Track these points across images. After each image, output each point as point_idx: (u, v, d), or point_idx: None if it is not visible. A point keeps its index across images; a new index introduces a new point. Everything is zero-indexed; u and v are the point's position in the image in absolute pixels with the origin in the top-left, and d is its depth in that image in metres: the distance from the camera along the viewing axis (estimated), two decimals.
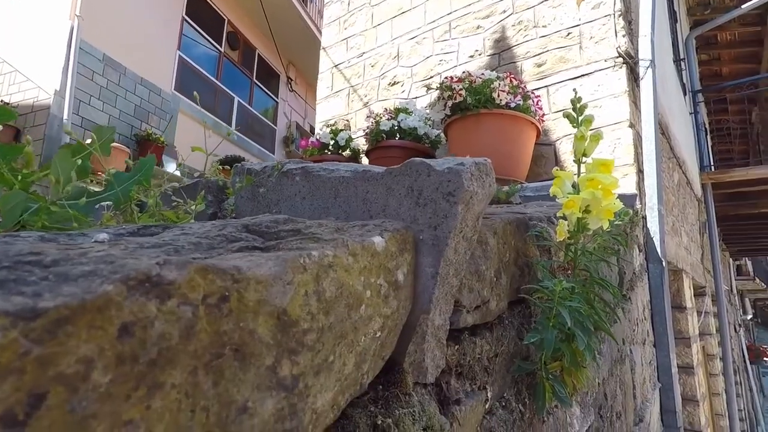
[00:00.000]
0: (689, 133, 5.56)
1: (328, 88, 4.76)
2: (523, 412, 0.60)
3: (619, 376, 1.19)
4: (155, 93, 6.54)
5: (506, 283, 0.63)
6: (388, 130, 3.16)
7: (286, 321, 0.26)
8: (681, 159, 4.46)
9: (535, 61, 3.27)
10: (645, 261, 2.43)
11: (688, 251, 4.30)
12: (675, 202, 3.94)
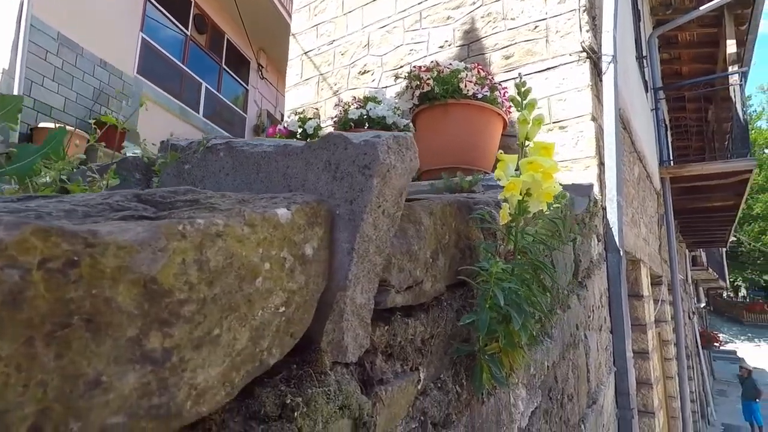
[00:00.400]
0: (650, 128, 5.75)
1: (297, 75, 4.67)
2: (460, 393, 0.60)
3: (572, 360, 1.22)
4: (116, 76, 6.26)
5: (445, 264, 0.63)
6: (357, 119, 3.13)
7: (156, 290, 0.24)
8: (642, 153, 4.60)
9: (503, 53, 3.29)
10: (604, 250, 2.50)
11: (647, 242, 4.46)
12: (635, 195, 4.08)
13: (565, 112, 2.84)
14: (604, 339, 2.14)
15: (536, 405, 0.80)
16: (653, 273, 5.00)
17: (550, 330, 0.98)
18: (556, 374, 1.01)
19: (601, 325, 2.09)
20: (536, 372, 0.82)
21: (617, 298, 2.46)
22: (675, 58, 8.27)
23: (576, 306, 1.33)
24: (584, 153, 2.69)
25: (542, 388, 0.88)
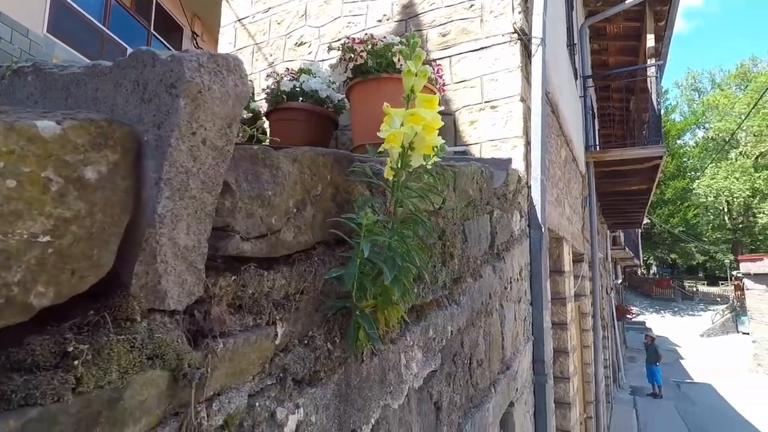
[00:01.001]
0: (578, 114, 6.06)
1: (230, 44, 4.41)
2: (332, 351, 0.59)
3: (483, 327, 1.27)
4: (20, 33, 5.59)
5: (315, 217, 0.60)
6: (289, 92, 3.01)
7: None
8: (569, 137, 4.84)
9: (439, 31, 3.29)
10: (527, 227, 2.61)
11: (570, 221, 4.73)
12: (561, 176, 4.30)
13: (496, 92, 2.91)
14: (523, 310, 2.25)
15: (434, 368, 0.82)
16: (576, 251, 5.34)
17: (457, 297, 1.00)
18: (463, 340, 1.04)
19: (521, 297, 2.19)
20: (436, 336, 0.83)
21: (538, 272, 2.60)
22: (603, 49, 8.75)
23: (490, 276, 1.37)
24: (513, 133, 2.78)
25: (445, 352, 0.90)
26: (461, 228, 1.08)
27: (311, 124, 3.03)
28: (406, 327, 0.75)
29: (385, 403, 0.65)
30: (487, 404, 1.27)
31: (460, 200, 1.09)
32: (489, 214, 1.41)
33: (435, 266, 0.85)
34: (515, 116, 2.77)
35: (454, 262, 0.99)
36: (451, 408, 0.96)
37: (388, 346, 0.68)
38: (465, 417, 1.08)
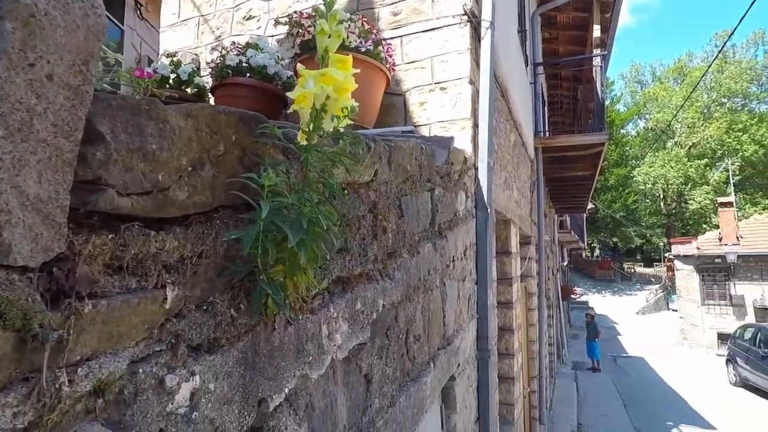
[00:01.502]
0: (528, 100, 6.22)
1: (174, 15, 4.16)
2: (236, 318, 0.57)
3: (422, 303, 1.28)
4: None
5: (216, 177, 0.57)
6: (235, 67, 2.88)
7: None
8: (518, 122, 4.96)
9: (391, 10, 3.24)
10: (474, 207, 2.66)
11: (518, 205, 4.88)
12: (510, 160, 4.40)
13: (446, 73, 2.91)
14: (468, 289, 2.31)
15: (363, 340, 0.82)
16: (523, 233, 5.52)
17: (391, 271, 1.00)
18: (398, 314, 1.04)
19: (465, 276, 2.24)
20: (365, 309, 0.82)
21: (483, 252, 2.66)
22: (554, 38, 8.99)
23: (430, 253, 1.39)
24: (461, 114, 2.80)
25: (377, 326, 0.90)
26: (397, 203, 1.07)
27: (258, 101, 2.92)
28: (330, 298, 0.74)
29: (302, 373, 0.63)
30: (425, 378, 1.30)
31: (397, 175, 1.08)
32: (430, 191, 1.42)
33: (364, 239, 0.84)
34: (464, 98, 2.80)
35: (388, 236, 0.98)
36: (384, 381, 0.96)
37: (307, 316, 0.66)
38: (400, 390, 1.09)
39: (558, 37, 8.94)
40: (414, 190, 1.24)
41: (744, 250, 17.38)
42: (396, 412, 1.02)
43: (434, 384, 1.44)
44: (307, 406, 0.66)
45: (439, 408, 1.81)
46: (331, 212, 0.63)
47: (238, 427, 0.54)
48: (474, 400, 2.42)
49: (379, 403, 0.93)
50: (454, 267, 1.89)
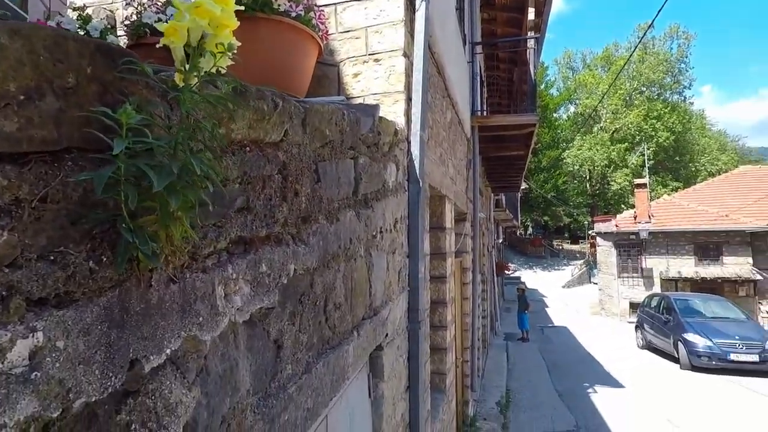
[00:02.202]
0: (465, 79, 6.32)
1: None
2: (96, 271, 0.53)
3: (343, 272, 1.27)
4: None
5: (65, 112, 0.51)
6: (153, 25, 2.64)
7: None
8: (455, 100, 5.03)
9: None
10: (406, 181, 2.68)
11: (454, 182, 4.99)
12: (446, 137, 4.47)
13: (380, 45, 2.86)
14: (399, 262, 2.33)
15: (269, 304, 0.79)
16: (459, 210, 5.67)
17: (306, 236, 0.97)
18: (314, 281, 1.02)
19: (396, 248, 2.26)
20: (272, 272, 0.79)
21: (415, 226, 2.69)
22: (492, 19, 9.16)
23: (353, 222, 1.37)
24: (395, 87, 2.78)
25: (289, 291, 0.87)
26: (313, 167, 1.04)
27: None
28: (230, 258, 0.70)
29: (190, 334, 0.60)
30: (347, 346, 1.30)
31: (313, 139, 1.04)
32: (353, 159, 1.39)
33: (271, 200, 0.80)
34: (398, 71, 2.77)
35: (301, 200, 0.94)
36: (298, 347, 0.94)
37: (196, 274, 0.62)
38: (318, 357, 1.08)
39: (496, 18, 9.13)
40: (334, 156, 1.21)
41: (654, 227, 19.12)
42: (312, 378, 1.01)
43: (358, 353, 1.45)
44: (202, 370, 0.63)
45: (366, 377, 1.83)
46: (211, 160, 0.58)
47: (100, 389, 0.49)
48: (404, 369, 2.48)
49: (292, 370, 0.91)
50: (382, 238, 1.89)
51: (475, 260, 6.71)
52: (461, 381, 6.01)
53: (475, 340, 6.72)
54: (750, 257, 18.23)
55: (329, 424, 1.28)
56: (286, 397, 0.86)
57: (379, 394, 1.88)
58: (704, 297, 12.57)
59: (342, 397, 1.45)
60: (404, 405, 2.49)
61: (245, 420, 0.71)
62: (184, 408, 0.57)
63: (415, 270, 2.64)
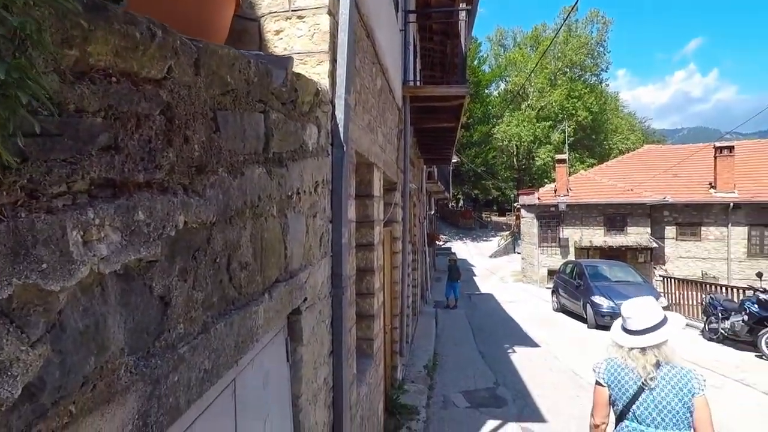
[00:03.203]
0: (396, 46, 6.25)
1: None
2: None
3: (250, 230, 1.21)
4: None
5: None
6: None
7: None
8: (385, 67, 4.96)
9: None
10: (330, 145, 2.61)
11: (384, 150, 4.97)
12: (375, 104, 4.41)
13: (304, 0, 2.72)
14: (320, 226, 2.29)
15: (149, 257, 0.72)
16: (389, 179, 5.69)
17: (200, 188, 0.90)
18: (211, 236, 0.96)
19: (317, 212, 2.21)
20: (152, 222, 0.73)
21: (339, 191, 2.66)
22: None
23: (262, 179, 1.30)
24: (319, 47, 2.67)
25: (176, 244, 0.81)
26: (211, 115, 0.96)
27: None
28: (91, 201, 0.62)
29: (27, 282, 0.52)
30: (255, 308, 1.25)
31: (211, 84, 0.96)
32: (263, 113, 1.31)
33: (150, 142, 0.72)
34: (322, 29, 2.65)
35: (193, 148, 0.87)
36: (192, 306, 0.88)
37: (37, 214, 0.54)
38: (219, 317, 1.03)
39: None
40: (238, 106, 1.13)
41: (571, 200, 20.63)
42: (211, 339, 0.96)
43: (270, 315, 1.41)
44: (54, 326, 0.56)
45: (284, 341, 1.80)
46: (26, 66, 0.49)
47: None
48: (327, 334, 2.49)
49: (184, 329, 0.86)
50: (300, 200, 1.84)
51: (405, 230, 6.84)
52: (390, 347, 6.20)
53: (405, 308, 6.92)
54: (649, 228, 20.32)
55: (238, 387, 1.24)
56: (176, 357, 0.81)
57: (297, 358, 1.87)
58: (610, 263, 13.88)
59: (254, 360, 1.41)
60: (327, 369, 2.51)
61: (117, 380, 0.65)
62: (22, 367, 0.50)
63: (338, 236, 2.62)
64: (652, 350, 2.29)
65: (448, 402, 6.12)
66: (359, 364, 3.90)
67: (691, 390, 2.20)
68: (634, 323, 2.38)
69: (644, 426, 2.26)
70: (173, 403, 0.79)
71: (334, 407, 2.63)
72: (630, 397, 2.31)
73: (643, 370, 2.27)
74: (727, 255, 19.38)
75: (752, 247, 19.37)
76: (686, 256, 19.94)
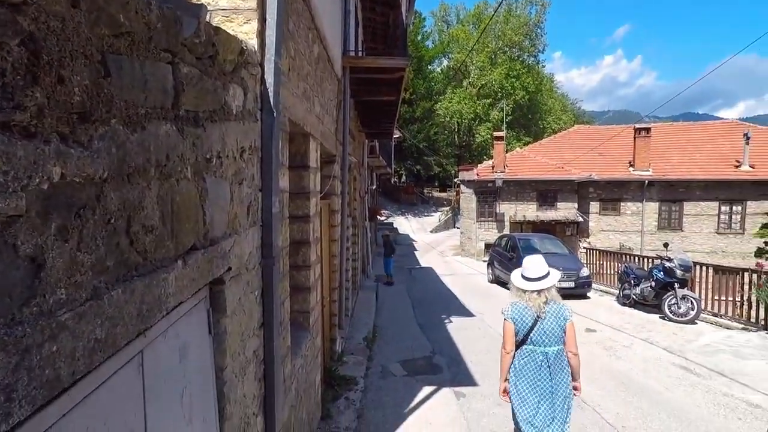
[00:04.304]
0: (337, 14, 6.04)
1: None
2: None
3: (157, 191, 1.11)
4: None
5: None
6: None
7: None
8: (323, 35, 4.77)
9: None
10: (260, 110, 2.48)
11: (321, 121, 4.84)
12: (311, 72, 4.25)
13: None
14: (248, 194, 2.19)
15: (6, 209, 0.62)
16: (327, 151, 5.57)
17: (85, 138, 0.80)
18: (102, 193, 0.86)
19: (244, 179, 2.10)
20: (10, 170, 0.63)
21: (269, 159, 2.54)
22: None
23: (171, 137, 1.19)
24: (246, 4, 2.49)
25: (52, 199, 0.71)
26: (98, 57, 0.84)
27: None
28: None
29: None
30: (165, 275, 1.17)
31: (97, 21, 0.84)
32: (171, 65, 1.19)
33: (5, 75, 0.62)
34: None
35: (71, 90, 0.76)
36: (76, 269, 0.79)
37: None
38: (117, 283, 0.94)
39: None
40: (136, 53, 1.01)
41: (507, 176, 21.47)
42: (104, 306, 0.87)
43: (185, 283, 1.32)
44: None
45: (206, 312, 1.72)
46: None
47: None
48: (257, 306, 2.42)
49: (66, 294, 0.77)
50: (221, 165, 1.73)
51: (344, 203, 6.78)
52: (329, 320, 6.21)
53: (344, 281, 6.93)
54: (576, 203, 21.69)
55: (147, 359, 1.16)
56: (54, 325, 0.72)
57: (221, 329, 1.80)
58: (541, 236, 14.72)
59: (168, 331, 1.33)
60: (258, 342, 2.45)
61: None
62: None
63: (268, 205, 2.52)
64: (543, 292, 3.20)
65: (386, 372, 6.28)
66: (295, 336, 3.87)
67: (565, 318, 3.19)
68: (532, 273, 3.29)
69: (537, 346, 3.18)
70: (51, 375, 0.71)
71: (265, 380, 2.59)
72: (528, 328, 3.20)
73: (538, 308, 3.18)
74: (641, 228, 21.23)
75: (662, 221, 21.36)
76: (607, 230, 21.60)
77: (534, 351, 3.18)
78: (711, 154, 22.08)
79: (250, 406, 2.25)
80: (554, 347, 3.17)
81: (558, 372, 3.17)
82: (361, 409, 5.00)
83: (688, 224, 20.91)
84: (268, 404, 2.60)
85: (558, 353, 3.18)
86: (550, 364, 3.16)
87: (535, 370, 3.18)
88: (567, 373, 3.21)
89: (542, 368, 3.16)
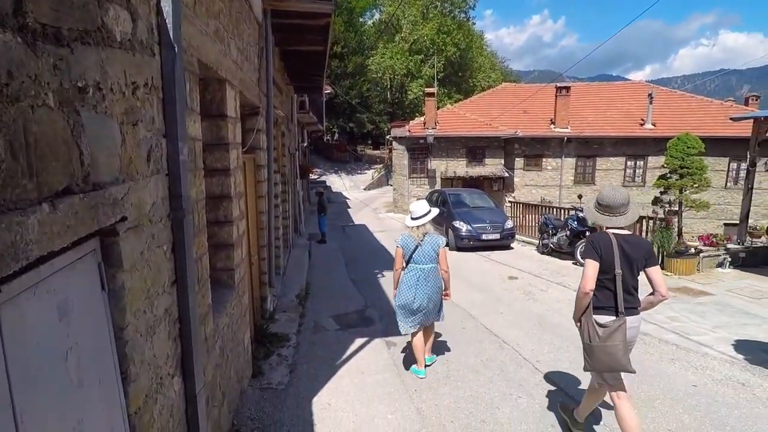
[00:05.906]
0: None
1: None
2: None
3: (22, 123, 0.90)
4: None
5: None
6: None
7: None
8: None
9: None
10: (157, 44, 2.19)
11: (240, 67, 4.46)
12: (224, 10, 3.85)
13: None
14: (146, 137, 1.95)
15: None
16: (248, 101, 5.20)
17: None
18: None
19: (138, 120, 1.86)
20: None
21: (172, 101, 2.28)
22: None
23: (14, 50, 0.97)
24: None
25: None
26: None
27: None
28: None
29: None
30: (22, 218, 0.98)
31: None
32: None
33: None
34: None
35: None
36: None
37: None
38: None
39: None
40: None
41: (439, 133, 21.75)
42: None
43: (57, 230, 1.14)
44: None
45: (96, 265, 1.53)
46: None
47: None
48: (167, 261, 2.23)
49: None
50: (104, 99, 1.49)
51: (270, 158, 6.47)
52: (258, 278, 6.04)
53: (273, 239, 6.73)
54: (503, 159, 22.60)
55: (6, 318, 0.99)
56: None
57: (118, 285, 1.62)
58: (470, 191, 15.23)
59: (39, 286, 1.15)
60: (170, 299, 2.27)
61: None
62: None
63: (174, 152, 2.28)
64: (422, 227, 4.50)
65: (318, 327, 6.30)
66: (218, 294, 3.69)
67: (438, 245, 4.51)
68: (415, 214, 4.58)
69: (417, 264, 4.48)
70: None
71: (182, 339, 2.44)
72: (411, 251, 4.51)
73: (418, 237, 4.50)
74: (560, 182, 22.73)
75: (578, 176, 23.00)
76: (530, 184, 22.89)
77: (415, 267, 4.49)
78: (620, 113, 23.82)
79: (163, 367, 2.11)
80: (429, 265, 4.47)
81: (432, 282, 4.49)
82: (294, 364, 5.00)
83: (600, 178, 22.69)
84: (187, 364, 2.47)
85: (432, 269, 4.48)
86: (426, 277, 4.46)
87: (415, 280, 4.48)
88: (439, 282, 4.55)
89: (420, 279, 4.47)
